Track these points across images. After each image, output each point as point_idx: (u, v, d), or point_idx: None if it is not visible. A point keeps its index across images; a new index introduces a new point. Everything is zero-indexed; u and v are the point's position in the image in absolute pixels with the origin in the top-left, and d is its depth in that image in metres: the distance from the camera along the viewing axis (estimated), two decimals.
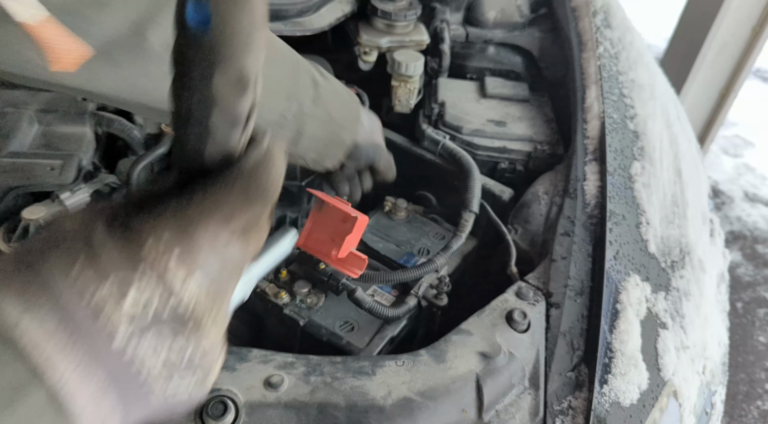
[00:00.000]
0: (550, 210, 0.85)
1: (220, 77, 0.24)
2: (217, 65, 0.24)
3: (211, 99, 0.25)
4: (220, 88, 0.24)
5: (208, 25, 0.23)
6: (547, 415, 0.64)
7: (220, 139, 0.26)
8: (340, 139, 0.70)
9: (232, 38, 0.23)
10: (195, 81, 0.24)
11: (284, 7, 1.01)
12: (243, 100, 0.25)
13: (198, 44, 0.23)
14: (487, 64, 1.16)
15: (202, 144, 0.26)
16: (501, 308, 0.71)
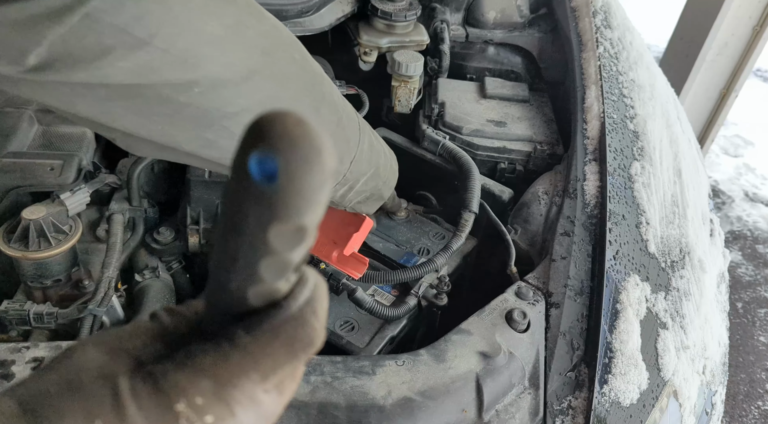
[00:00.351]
0: (550, 210, 0.85)
1: (278, 230, 0.21)
2: (276, 219, 0.21)
3: (264, 248, 0.22)
4: (276, 240, 0.21)
5: (275, 181, 0.20)
6: (547, 415, 0.64)
7: (267, 284, 0.23)
8: (380, 194, 0.73)
9: (299, 197, 0.20)
10: (248, 228, 0.21)
11: (284, 7, 1.01)
12: (298, 250, 0.22)
13: (258, 196, 0.21)
14: (487, 64, 1.16)
15: (247, 287, 0.23)
16: (501, 308, 0.71)
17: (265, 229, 0.21)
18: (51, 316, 0.73)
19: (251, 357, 0.23)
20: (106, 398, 0.21)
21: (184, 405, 0.21)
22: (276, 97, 0.54)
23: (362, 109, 1.06)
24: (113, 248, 0.80)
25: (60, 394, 0.21)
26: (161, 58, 0.41)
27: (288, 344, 0.23)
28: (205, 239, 0.92)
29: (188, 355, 0.23)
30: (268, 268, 0.22)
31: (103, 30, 0.38)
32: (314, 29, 1.04)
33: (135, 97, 0.43)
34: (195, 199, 0.90)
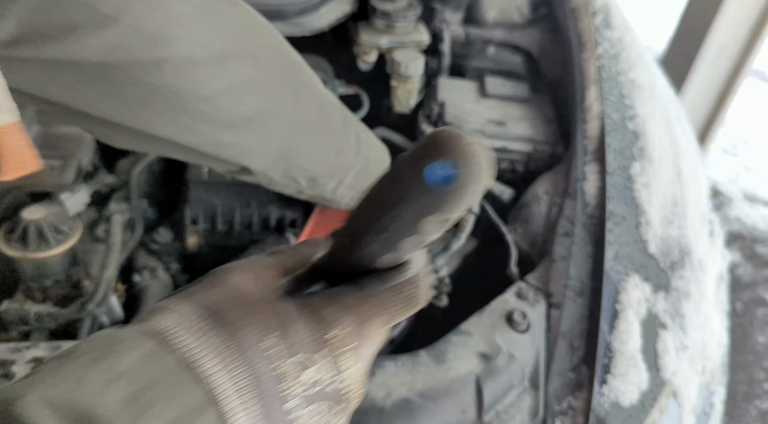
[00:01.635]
0: (550, 210, 0.85)
1: (432, 220, 0.25)
2: (435, 213, 0.24)
3: (413, 231, 0.26)
4: (425, 226, 0.25)
5: (448, 186, 0.23)
6: (547, 415, 0.64)
7: (399, 254, 0.28)
8: None
9: (461, 200, 0.24)
10: (407, 215, 0.25)
11: (284, 7, 1.01)
12: (436, 235, 0.27)
13: (426, 194, 0.24)
14: (487, 64, 1.16)
15: (383, 253, 0.28)
16: (501, 309, 0.71)
17: (420, 218, 0.25)
18: (51, 316, 0.73)
19: (384, 303, 0.29)
20: (273, 318, 0.27)
21: (333, 334, 0.27)
22: (252, 81, 0.54)
23: (362, 109, 1.06)
24: (112, 248, 0.80)
25: (234, 308, 0.26)
26: (130, 35, 0.42)
27: (406, 300, 0.30)
28: (204, 239, 0.92)
29: (336, 293, 0.29)
30: (408, 244, 0.27)
31: (70, 6, 0.39)
32: (314, 29, 1.04)
33: (107, 80, 0.43)
34: (194, 199, 0.90)
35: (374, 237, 0.27)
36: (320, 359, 0.28)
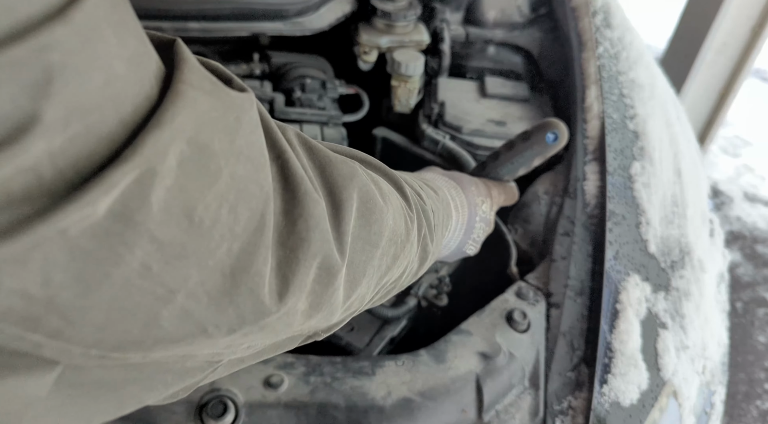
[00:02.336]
0: (550, 210, 0.85)
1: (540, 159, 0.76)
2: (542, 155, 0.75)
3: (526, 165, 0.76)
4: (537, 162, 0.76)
5: (555, 142, 0.74)
6: (547, 415, 0.64)
7: (514, 176, 0.78)
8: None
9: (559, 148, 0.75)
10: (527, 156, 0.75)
11: (284, 7, 1.01)
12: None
13: (543, 146, 0.74)
14: (487, 64, 1.16)
15: (506, 174, 0.77)
16: (501, 308, 0.71)
17: (534, 157, 0.75)
18: None
19: (506, 192, 0.78)
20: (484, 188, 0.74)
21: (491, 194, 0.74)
22: None
23: (362, 109, 1.06)
24: None
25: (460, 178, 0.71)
26: None
27: (513, 193, 0.80)
28: None
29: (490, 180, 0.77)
30: (522, 171, 0.76)
31: None
32: (314, 29, 1.04)
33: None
34: None
35: (502, 164, 0.76)
36: (487, 201, 0.70)
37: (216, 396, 0.57)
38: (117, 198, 0.21)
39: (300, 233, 0.30)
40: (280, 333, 0.32)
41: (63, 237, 0.20)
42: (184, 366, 0.29)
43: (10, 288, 0.20)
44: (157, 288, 0.24)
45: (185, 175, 0.24)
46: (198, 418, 0.56)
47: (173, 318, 0.25)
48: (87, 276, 0.22)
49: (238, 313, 0.27)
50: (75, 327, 0.22)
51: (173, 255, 0.24)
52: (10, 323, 0.21)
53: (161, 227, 0.23)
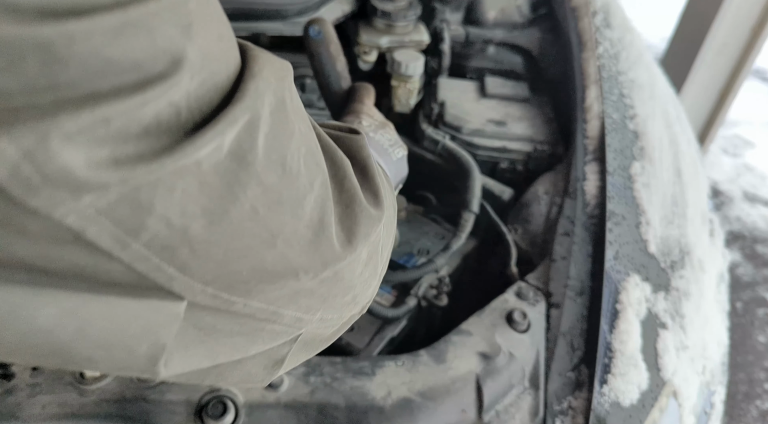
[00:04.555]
0: (550, 210, 0.85)
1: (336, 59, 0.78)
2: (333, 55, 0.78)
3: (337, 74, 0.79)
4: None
5: (320, 36, 0.77)
6: (547, 415, 0.64)
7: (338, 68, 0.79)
8: None
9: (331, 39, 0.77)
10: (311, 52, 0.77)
11: (284, 7, 1.01)
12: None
13: (317, 43, 0.76)
14: (487, 64, 1.16)
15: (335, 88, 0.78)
16: (501, 308, 0.71)
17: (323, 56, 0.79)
18: None
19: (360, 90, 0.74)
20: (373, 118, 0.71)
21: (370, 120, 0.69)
22: None
23: None
24: None
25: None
26: None
27: (364, 89, 0.75)
28: None
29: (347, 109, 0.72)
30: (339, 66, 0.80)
31: None
32: None
33: None
34: None
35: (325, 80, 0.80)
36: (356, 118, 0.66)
37: (216, 396, 0.57)
38: (234, 138, 0.24)
39: (349, 190, 0.34)
40: (348, 286, 0.35)
41: (198, 169, 0.23)
42: (273, 328, 0.32)
43: (161, 213, 0.22)
44: (262, 232, 0.27)
45: (275, 124, 0.26)
46: (198, 418, 0.56)
47: (275, 261, 0.28)
48: (212, 210, 0.24)
49: (320, 258, 0.31)
50: (199, 261, 0.25)
51: (274, 201, 0.27)
52: (154, 251, 0.23)
53: (265, 171, 0.26)
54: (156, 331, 0.26)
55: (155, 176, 0.21)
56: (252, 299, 0.28)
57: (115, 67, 0.20)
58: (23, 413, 0.55)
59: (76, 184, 0.20)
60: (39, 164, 0.19)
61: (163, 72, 0.21)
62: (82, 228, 0.21)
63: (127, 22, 0.20)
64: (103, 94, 0.20)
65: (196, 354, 0.29)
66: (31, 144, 0.19)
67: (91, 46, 0.19)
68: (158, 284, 0.24)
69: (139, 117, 0.21)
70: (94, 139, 0.20)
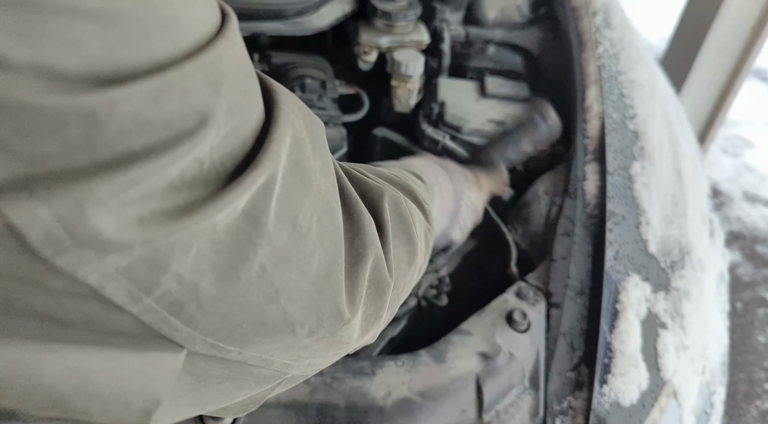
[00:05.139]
0: (550, 210, 0.85)
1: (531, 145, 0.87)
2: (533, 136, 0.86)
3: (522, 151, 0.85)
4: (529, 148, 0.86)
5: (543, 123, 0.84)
6: (547, 415, 0.64)
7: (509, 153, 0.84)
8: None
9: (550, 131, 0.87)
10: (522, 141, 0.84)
11: (284, 7, 1.01)
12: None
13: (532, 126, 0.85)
14: (487, 64, 1.16)
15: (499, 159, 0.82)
16: (501, 308, 0.71)
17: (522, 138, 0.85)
18: None
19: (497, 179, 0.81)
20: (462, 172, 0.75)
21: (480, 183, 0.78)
22: None
23: (362, 109, 1.06)
24: None
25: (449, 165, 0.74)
26: None
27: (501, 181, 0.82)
28: None
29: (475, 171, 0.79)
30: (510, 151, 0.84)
31: None
32: (314, 29, 1.04)
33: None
34: None
35: (496, 145, 0.83)
36: (474, 189, 0.70)
37: None
38: (249, 199, 0.24)
39: (358, 249, 0.33)
40: (341, 347, 0.35)
41: (213, 229, 0.23)
42: (262, 372, 0.32)
43: (175, 271, 0.23)
44: (267, 288, 0.27)
45: (288, 185, 0.27)
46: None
47: (274, 316, 0.28)
48: (221, 267, 0.24)
49: (319, 317, 0.31)
50: (204, 315, 0.25)
51: (281, 259, 0.27)
52: (163, 305, 0.24)
53: (276, 231, 0.26)
54: (154, 385, 0.27)
55: (175, 237, 0.22)
56: (247, 348, 0.29)
57: (149, 127, 0.20)
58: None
59: (102, 245, 0.20)
60: (71, 228, 0.19)
61: (191, 129, 0.22)
62: (101, 286, 0.21)
63: (164, 85, 0.20)
64: (136, 154, 0.20)
65: (186, 403, 0.30)
66: (66, 210, 0.19)
67: (131, 109, 0.20)
68: (161, 334, 0.25)
69: (166, 174, 0.21)
70: (124, 201, 0.20)
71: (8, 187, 0.18)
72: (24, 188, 0.18)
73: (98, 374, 0.25)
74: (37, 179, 0.19)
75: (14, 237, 0.19)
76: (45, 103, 0.18)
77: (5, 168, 0.18)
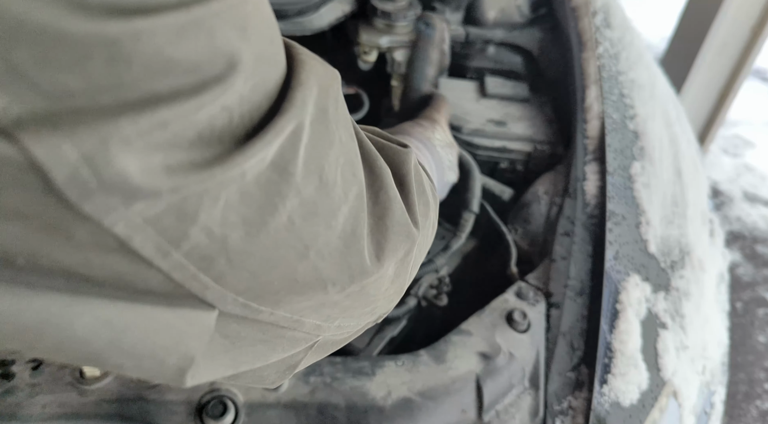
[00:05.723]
0: (550, 210, 0.85)
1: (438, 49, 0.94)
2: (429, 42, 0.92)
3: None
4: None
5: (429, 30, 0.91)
6: (547, 415, 0.64)
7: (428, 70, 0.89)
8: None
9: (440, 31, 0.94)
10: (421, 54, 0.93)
11: (284, 7, 1.01)
12: None
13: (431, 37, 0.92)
14: (487, 64, 1.16)
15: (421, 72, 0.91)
16: (501, 308, 0.71)
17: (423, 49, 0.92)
18: None
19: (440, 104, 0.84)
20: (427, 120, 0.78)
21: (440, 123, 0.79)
22: None
23: (362, 109, 1.06)
24: None
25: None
26: None
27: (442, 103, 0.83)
28: None
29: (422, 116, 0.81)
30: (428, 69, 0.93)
31: None
32: (314, 29, 1.04)
33: None
34: None
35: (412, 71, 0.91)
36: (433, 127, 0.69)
37: (216, 396, 0.57)
38: (278, 149, 0.24)
39: (383, 203, 0.33)
40: (370, 302, 0.35)
41: (242, 179, 0.22)
42: (294, 335, 0.32)
43: (204, 224, 0.22)
44: (297, 243, 0.26)
45: (315, 134, 0.26)
46: (198, 418, 0.56)
47: (305, 273, 0.28)
48: (251, 221, 0.24)
49: (349, 272, 0.30)
50: (234, 272, 0.25)
51: (310, 212, 0.26)
52: (192, 260, 0.23)
53: (304, 182, 0.26)
54: (186, 343, 0.26)
55: (204, 186, 0.21)
56: (279, 308, 0.29)
57: (175, 68, 0.20)
58: (23, 412, 0.55)
59: (129, 190, 0.19)
60: (97, 168, 0.19)
61: (220, 75, 0.21)
62: (128, 237, 0.20)
63: (189, 22, 0.20)
64: (162, 96, 0.20)
65: (221, 364, 0.29)
66: (91, 147, 0.18)
67: (155, 44, 0.19)
68: (192, 293, 0.24)
69: (194, 121, 0.21)
70: (151, 144, 0.19)
71: (29, 121, 0.17)
72: (47, 122, 0.18)
73: (131, 329, 0.24)
74: (60, 115, 0.18)
75: (38, 175, 0.18)
76: (66, 28, 0.17)
77: (26, 100, 0.17)
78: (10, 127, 0.17)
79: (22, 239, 0.20)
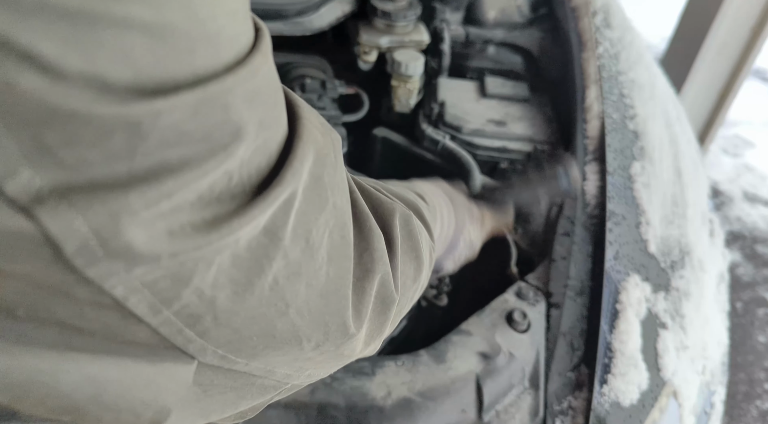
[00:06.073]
0: (550, 210, 0.85)
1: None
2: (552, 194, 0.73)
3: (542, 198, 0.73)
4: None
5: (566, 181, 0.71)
6: (547, 415, 0.64)
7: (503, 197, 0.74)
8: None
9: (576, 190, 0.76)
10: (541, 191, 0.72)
11: (284, 7, 1.01)
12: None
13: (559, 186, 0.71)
14: (487, 64, 1.16)
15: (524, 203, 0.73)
16: (501, 308, 0.71)
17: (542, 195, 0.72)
18: None
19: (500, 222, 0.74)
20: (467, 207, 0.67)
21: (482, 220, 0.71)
22: None
23: (362, 109, 1.06)
24: None
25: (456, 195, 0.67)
26: None
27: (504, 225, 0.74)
28: None
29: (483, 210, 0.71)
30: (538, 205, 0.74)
31: None
32: (314, 29, 1.04)
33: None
34: None
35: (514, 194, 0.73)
36: (476, 227, 0.64)
37: None
38: (270, 215, 0.25)
39: (365, 264, 0.33)
40: (343, 359, 0.36)
41: (235, 245, 0.24)
42: (264, 383, 0.33)
43: (196, 286, 0.23)
44: (278, 301, 0.27)
45: (306, 200, 0.27)
46: None
47: (284, 330, 0.29)
48: (238, 282, 0.25)
49: (326, 330, 0.31)
50: (218, 328, 0.26)
51: (293, 272, 0.27)
52: (181, 318, 0.24)
53: (291, 245, 0.26)
54: (164, 397, 0.27)
55: (201, 253, 0.22)
56: (254, 360, 0.29)
57: (188, 139, 0.21)
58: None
59: (132, 257, 0.21)
60: (105, 240, 0.20)
61: (226, 143, 0.22)
62: (125, 298, 0.22)
63: (205, 98, 0.21)
64: (173, 165, 0.21)
65: (192, 414, 0.30)
66: (102, 222, 0.19)
67: (173, 120, 0.20)
68: (175, 345, 0.25)
69: (197, 187, 0.22)
70: (156, 213, 0.20)
71: (49, 196, 0.19)
72: (63, 198, 0.19)
73: (113, 384, 0.25)
74: (77, 188, 0.19)
75: (50, 247, 0.19)
76: (94, 112, 0.18)
77: (49, 176, 0.18)
78: (29, 203, 0.18)
79: (25, 294, 0.21)
